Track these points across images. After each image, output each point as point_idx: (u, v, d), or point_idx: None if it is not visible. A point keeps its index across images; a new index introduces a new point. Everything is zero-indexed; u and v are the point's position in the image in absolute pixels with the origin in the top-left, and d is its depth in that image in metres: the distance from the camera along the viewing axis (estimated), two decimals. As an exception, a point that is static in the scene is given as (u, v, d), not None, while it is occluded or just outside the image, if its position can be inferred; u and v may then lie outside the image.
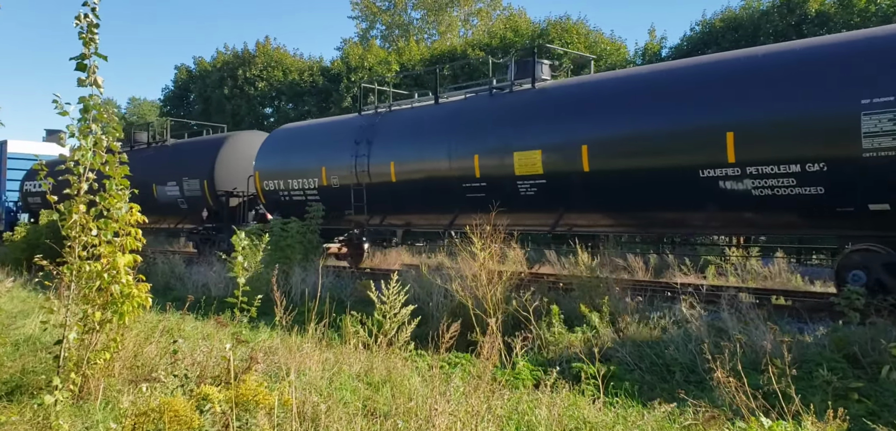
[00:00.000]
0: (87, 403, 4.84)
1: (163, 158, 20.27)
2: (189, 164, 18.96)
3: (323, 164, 15.19)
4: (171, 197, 19.10)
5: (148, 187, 18.93)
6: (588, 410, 4.88)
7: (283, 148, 16.79)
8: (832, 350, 6.46)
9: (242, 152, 18.60)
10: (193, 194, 18.45)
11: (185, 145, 20.49)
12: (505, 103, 12.60)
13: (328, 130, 16.42)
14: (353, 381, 5.55)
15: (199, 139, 20.70)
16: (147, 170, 19.39)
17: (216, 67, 34.36)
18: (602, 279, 8.82)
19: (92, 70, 5.19)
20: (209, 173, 18.10)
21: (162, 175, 19.42)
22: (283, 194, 16.22)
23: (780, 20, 20.48)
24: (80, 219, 5.06)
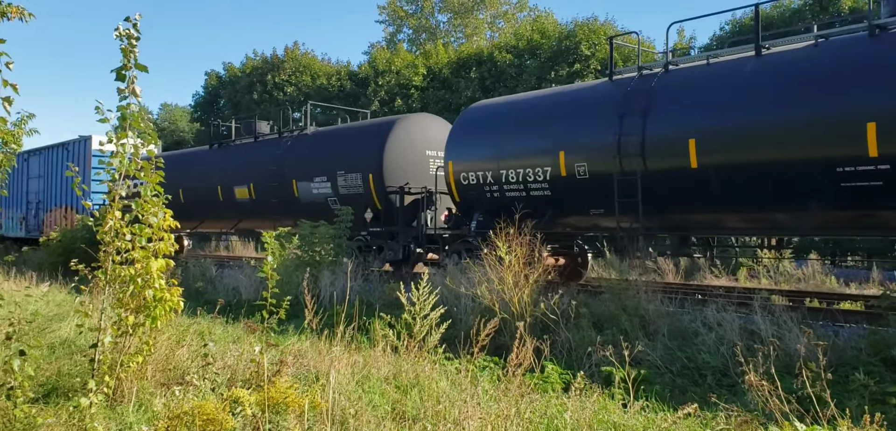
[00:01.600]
0: (121, 406, 4.91)
1: (304, 149, 16.95)
2: (346, 155, 15.59)
3: (561, 147, 11.41)
4: (318, 196, 16.03)
5: (286, 185, 16.67)
6: (617, 414, 4.84)
7: (490, 130, 13.02)
8: (869, 354, 6.33)
9: (415, 140, 15.32)
10: (352, 192, 15.25)
11: (337, 134, 17.02)
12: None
13: (565, 102, 12.31)
14: (381, 384, 5.57)
15: (356, 125, 17.33)
16: (283, 164, 16.93)
17: (245, 72, 34.79)
18: (631, 282, 8.74)
19: (131, 81, 5.31)
20: (376, 165, 14.74)
21: (305, 170, 16.40)
22: (490, 189, 12.55)
23: (812, 18, 20.14)
24: (115, 224, 5.15)
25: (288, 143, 17.52)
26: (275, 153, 17.45)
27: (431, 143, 15.53)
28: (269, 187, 17.18)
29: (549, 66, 25.23)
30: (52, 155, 26.25)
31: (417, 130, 15.44)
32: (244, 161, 18.73)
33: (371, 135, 15.54)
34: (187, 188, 19.59)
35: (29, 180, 27.71)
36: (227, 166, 19.31)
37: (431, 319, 5.82)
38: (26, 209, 27.25)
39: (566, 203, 11.47)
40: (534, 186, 11.83)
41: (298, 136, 17.57)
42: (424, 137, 15.44)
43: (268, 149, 18.05)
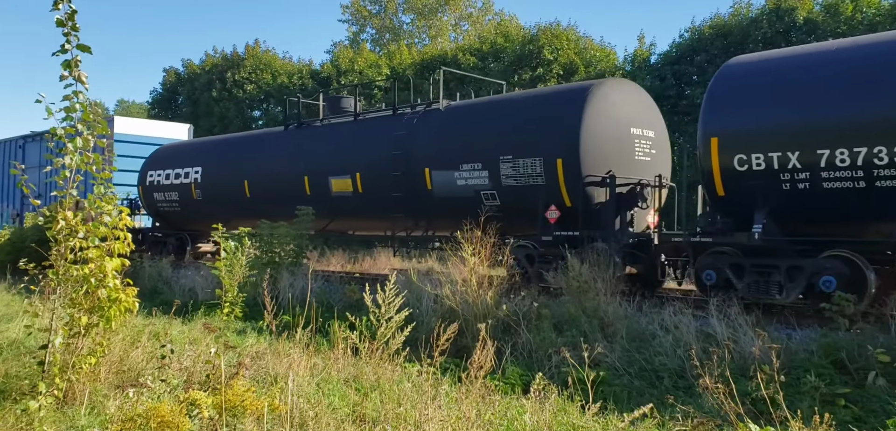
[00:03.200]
0: (73, 409, 4.79)
1: (440, 128, 13.14)
2: (516, 134, 11.73)
3: None
4: (465, 188, 12.28)
5: (414, 175, 12.92)
6: (576, 415, 4.88)
7: (799, 90, 8.98)
8: (820, 356, 6.49)
9: (619, 114, 11.48)
10: (525, 182, 11.48)
11: (496, 107, 12.95)
12: None
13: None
14: (341, 386, 5.53)
15: (529, 95, 13.10)
16: (409, 149, 13.10)
17: (205, 69, 34.26)
18: (592, 285, 8.82)
19: (75, 64, 5.02)
20: (569, 146, 10.90)
21: (444, 155, 12.63)
22: (791, 176, 8.73)
23: (768, 27, 20.63)
24: (67, 223, 5.01)
25: (413, 121, 13.43)
26: (394, 135, 13.39)
27: (636, 118, 11.78)
28: (386, 177, 13.20)
29: (512, 69, 25.36)
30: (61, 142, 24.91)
31: (620, 101, 11.63)
32: (345, 145, 14.68)
33: (558, 105, 11.57)
34: (255, 180, 16.35)
35: (25, 171, 26.15)
36: (318, 151, 15.17)
37: (396, 321, 5.79)
38: (21, 204, 23.37)
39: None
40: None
41: (428, 111, 13.57)
42: (628, 111, 11.70)
43: (382, 129, 14.03)
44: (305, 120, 16.64)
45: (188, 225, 18.94)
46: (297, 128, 16.39)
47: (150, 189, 19.34)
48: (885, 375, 5.88)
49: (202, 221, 16.46)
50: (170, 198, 18.78)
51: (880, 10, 19.70)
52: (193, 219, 18.31)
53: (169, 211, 19.04)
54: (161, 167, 19.16)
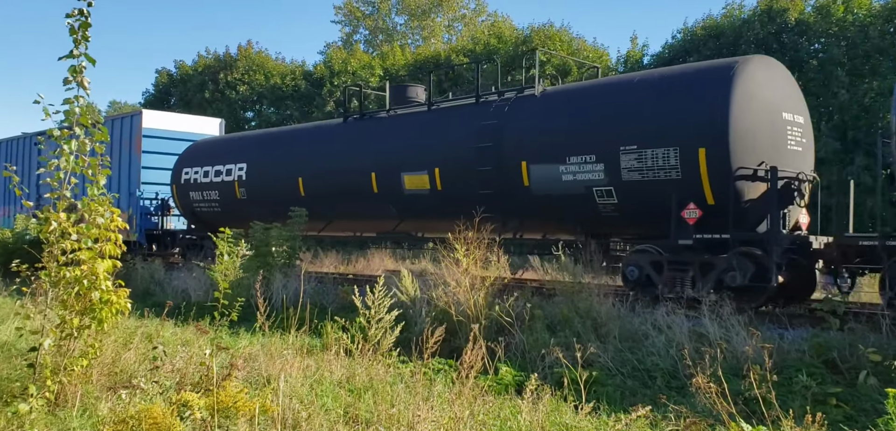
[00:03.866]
0: (64, 411, 4.76)
1: (539, 116, 11.49)
2: (642, 120, 10.06)
3: None
4: (573, 184, 10.61)
5: (509, 170, 11.36)
6: (570, 415, 4.89)
7: None
8: (812, 356, 6.52)
9: (768, 96, 9.85)
10: (654, 177, 9.80)
11: (612, 90, 11.29)
12: None
13: None
14: (334, 388, 5.52)
15: (654, 75, 11.15)
16: (501, 139, 11.55)
17: (197, 70, 34.17)
18: (584, 285, 8.84)
19: (79, 70, 5.10)
20: (714, 133, 9.34)
21: (547, 146, 11.08)
22: None
23: (761, 29, 20.71)
24: (59, 225, 4.99)
25: (504, 109, 11.85)
26: (481, 125, 11.87)
27: (786, 102, 10.16)
28: (471, 172, 11.74)
29: (505, 70, 25.40)
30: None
31: (769, 81, 10.01)
32: (419, 138, 13.15)
33: (699, 86, 9.89)
34: (312, 178, 14.64)
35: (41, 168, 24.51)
36: (387, 145, 13.59)
37: (386, 322, 5.79)
38: (39, 205, 22.94)
39: None
40: None
41: (521, 98, 11.98)
42: (778, 93, 10.06)
43: (464, 119, 12.51)
44: (368, 111, 15.05)
45: (229, 227, 17.45)
46: (359, 120, 14.74)
47: (185, 188, 17.65)
48: (876, 374, 5.92)
49: (246, 222, 14.01)
50: (208, 197, 17.11)
51: (871, 11, 19.82)
52: (236, 220, 15.81)
53: (207, 212, 17.31)
54: (198, 164, 17.43)
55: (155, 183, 18.95)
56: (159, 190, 19.01)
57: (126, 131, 19.25)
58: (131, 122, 19.24)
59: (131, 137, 19.02)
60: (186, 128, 19.89)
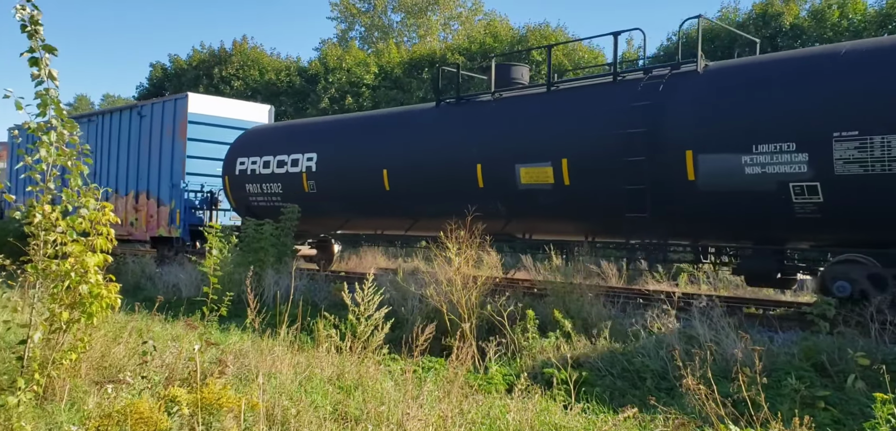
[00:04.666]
0: (52, 404, 4.74)
1: (698, 97, 9.60)
2: (871, 98, 8.14)
3: None
4: (758, 178, 8.71)
5: (668, 163, 9.46)
6: (559, 415, 4.89)
7: None
8: (801, 359, 6.54)
9: None
10: (886, 170, 7.94)
11: (819, 61, 8.94)
12: None
13: None
14: (324, 385, 5.51)
15: (869, 44, 8.95)
16: (659, 124, 9.61)
17: (192, 65, 34.07)
18: (575, 285, 8.85)
19: (43, 63, 5.04)
20: None
21: (719, 133, 9.12)
22: None
23: (755, 33, 20.77)
24: (45, 217, 4.96)
25: (658, 88, 9.92)
26: (630, 106, 9.89)
27: None
28: (615, 162, 9.83)
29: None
30: (116, 122, 19.08)
31: None
32: (539, 124, 11.18)
33: None
34: (399, 170, 12.74)
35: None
36: (495, 133, 11.65)
37: (375, 319, 5.79)
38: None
39: None
40: None
41: (677, 75, 10.05)
42: None
43: (600, 102, 10.74)
44: (466, 95, 13.17)
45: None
46: (456, 104, 12.73)
47: (240, 180, 15.64)
48: (865, 378, 5.94)
49: (316, 219, 12.90)
50: (269, 191, 15.06)
51: (866, 16, 19.90)
52: (302, 217, 14.31)
53: (266, 207, 15.18)
54: (256, 153, 15.43)
55: (201, 174, 17.11)
56: (207, 182, 17.24)
57: (168, 116, 17.37)
58: (175, 106, 17.31)
59: (175, 123, 17.11)
60: (234, 114, 18.11)
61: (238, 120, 17.98)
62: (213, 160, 17.13)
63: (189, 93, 17.73)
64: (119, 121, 18.92)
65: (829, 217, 8.47)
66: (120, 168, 18.69)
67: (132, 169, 18.28)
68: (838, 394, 5.81)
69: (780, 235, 9.32)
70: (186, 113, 16.92)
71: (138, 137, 18.22)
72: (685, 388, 4.65)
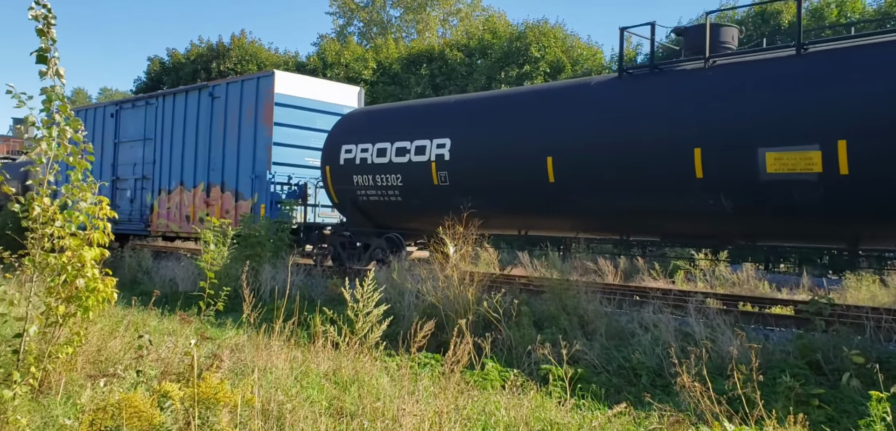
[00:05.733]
0: (48, 398, 4.75)
1: None
2: None
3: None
4: None
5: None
6: (555, 411, 4.90)
7: None
8: (796, 357, 6.56)
9: None
10: None
11: None
12: None
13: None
14: (320, 380, 5.52)
15: None
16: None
17: (190, 59, 34.03)
18: (572, 282, 8.86)
19: (52, 62, 5.10)
20: None
21: None
22: None
23: (754, 30, 20.78)
24: (44, 211, 4.97)
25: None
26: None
27: None
28: None
29: (499, 66, 25.39)
30: (180, 106, 16.92)
31: None
32: (792, 96, 8.72)
33: None
34: (569, 157, 10.51)
35: (120, 146, 18.58)
36: (723, 107, 9.19)
37: (374, 316, 5.79)
38: (112, 190, 18.29)
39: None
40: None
41: None
42: None
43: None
44: (662, 62, 10.92)
45: (408, 222, 13.20)
46: (650, 73, 10.44)
47: (346, 170, 13.36)
48: (860, 376, 5.96)
49: (444, 217, 10.05)
50: (384, 183, 12.78)
51: (864, 14, 19.93)
52: (427, 213, 12.30)
53: (378, 202, 13.07)
54: (367, 139, 13.11)
55: (288, 164, 15.06)
56: (294, 173, 15.22)
57: (248, 98, 15.26)
58: (257, 86, 15.11)
59: (257, 105, 15.01)
60: (323, 95, 16.03)
61: (327, 103, 15.94)
62: (301, 148, 15.25)
63: (275, 71, 15.40)
64: (184, 104, 16.81)
65: None
66: (186, 157, 16.55)
67: (201, 158, 16.13)
68: (833, 392, 5.83)
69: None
70: (273, 94, 14.73)
71: (209, 122, 16.07)
72: (680, 385, 4.67)
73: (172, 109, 17.16)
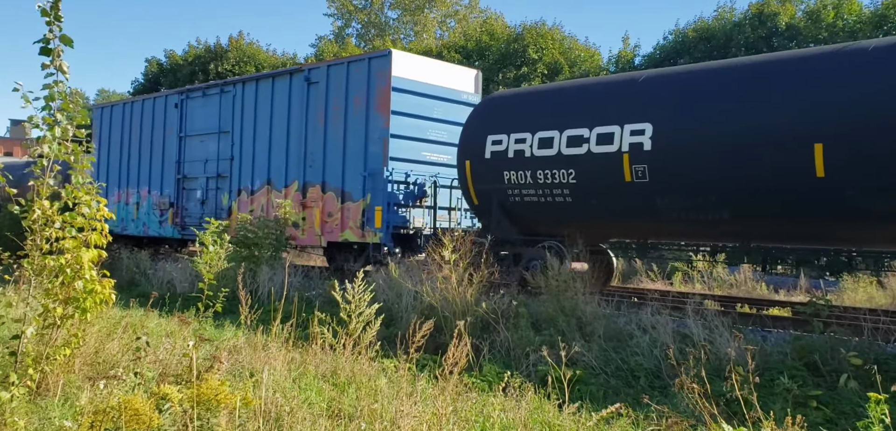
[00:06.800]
0: (46, 400, 4.74)
1: None
2: None
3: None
4: None
5: None
6: (552, 413, 4.90)
7: None
8: (794, 358, 6.57)
9: None
10: None
11: None
12: None
13: None
14: (318, 382, 5.52)
15: None
16: None
17: (187, 61, 34.00)
18: (570, 284, 8.86)
19: (57, 54, 5.00)
20: None
21: None
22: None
23: (751, 32, 20.82)
24: (43, 213, 4.96)
25: None
26: None
27: None
28: None
29: (496, 68, 25.41)
30: (266, 93, 14.86)
31: None
32: None
33: None
34: (862, 144, 8.14)
35: (186, 141, 16.63)
36: None
37: (366, 316, 5.79)
38: (177, 190, 16.52)
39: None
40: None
41: None
42: None
43: None
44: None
45: (576, 228, 10.57)
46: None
47: (494, 166, 11.06)
48: (857, 378, 5.96)
49: (634, 220, 9.23)
50: (548, 180, 10.42)
51: (861, 17, 19.97)
52: (603, 217, 10.41)
53: (534, 204, 10.78)
54: (524, 128, 10.78)
55: (406, 160, 13.06)
56: (412, 170, 13.18)
57: (357, 82, 13.14)
58: (369, 69, 13.01)
59: (369, 91, 12.93)
60: (441, 80, 13.78)
61: (445, 88, 13.82)
62: (418, 141, 13.28)
63: (392, 49, 13.18)
64: (271, 91, 14.73)
65: None
66: (274, 153, 14.50)
67: (295, 153, 14.10)
68: (831, 394, 5.83)
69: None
70: (389, 77, 12.62)
71: (305, 111, 13.97)
72: (679, 387, 4.67)
73: (255, 97, 15.02)
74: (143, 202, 17.74)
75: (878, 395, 4.05)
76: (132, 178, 18.28)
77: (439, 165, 13.43)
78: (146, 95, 19.72)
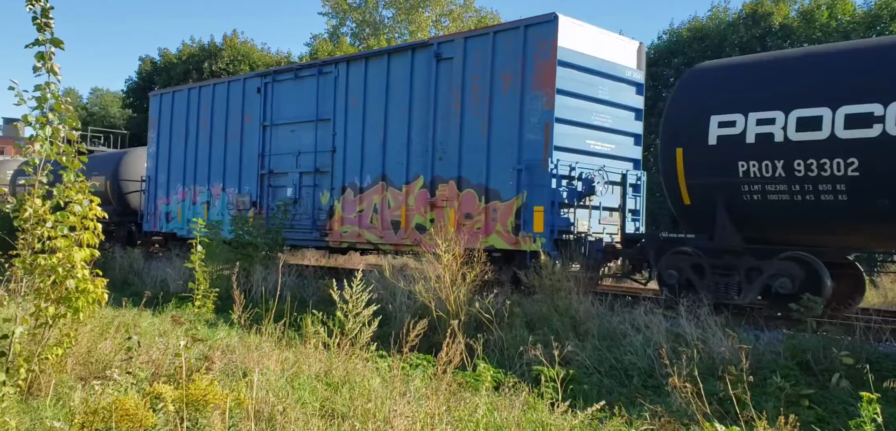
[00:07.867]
0: (38, 400, 4.72)
1: None
2: None
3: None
4: None
5: None
6: (545, 413, 4.90)
7: None
8: (787, 358, 6.59)
9: None
10: None
11: None
12: None
13: None
14: (311, 381, 5.51)
15: None
16: None
17: (181, 59, 33.91)
18: (564, 284, 8.87)
19: (48, 57, 5.03)
20: None
21: None
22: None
23: (745, 32, 20.88)
24: (35, 212, 4.94)
25: None
26: None
27: None
28: None
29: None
30: (379, 74, 12.60)
31: None
32: None
33: None
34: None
35: (272, 131, 14.40)
36: None
37: (364, 316, 5.79)
38: (260, 187, 14.48)
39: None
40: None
41: None
42: None
43: None
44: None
45: (845, 236, 8.65)
46: None
47: (722, 154, 8.73)
48: (849, 377, 5.99)
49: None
50: (812, 173, 8.06)
51: (854, 17, 20.05)
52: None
53: (786, 203, 8.39)
54: (771, 104, 8.35)
55: (568, 149, 10.86)
56: (579, 161, 10.96)
57: (508, 55, 10.95)
58: (524, 38, 10.77)
59: (525, 66, 10.74)
60: (604, 53, 11.52)
61: (609, 62, 11.58)
62: (582, 127, 11.12)
63: (559, 14, 10.63)
64: (386, 70, 12.49)
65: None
66: (391, 143, 12.32)
67: (418, 143, 11.89)
68: (823, 393, 5.85)
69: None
70: (554, 48, 10.42)
71: (433, 93, 11.74)
72: (672, 386, 4.68)
73: (363, 78, 12.76)
74: (215, 201, 15.44)
75: (870, 394, 4.07)
76: (200, 173, 15.93)
77: (604, 156, 11.38)
78: (219, 80, 17.41)
